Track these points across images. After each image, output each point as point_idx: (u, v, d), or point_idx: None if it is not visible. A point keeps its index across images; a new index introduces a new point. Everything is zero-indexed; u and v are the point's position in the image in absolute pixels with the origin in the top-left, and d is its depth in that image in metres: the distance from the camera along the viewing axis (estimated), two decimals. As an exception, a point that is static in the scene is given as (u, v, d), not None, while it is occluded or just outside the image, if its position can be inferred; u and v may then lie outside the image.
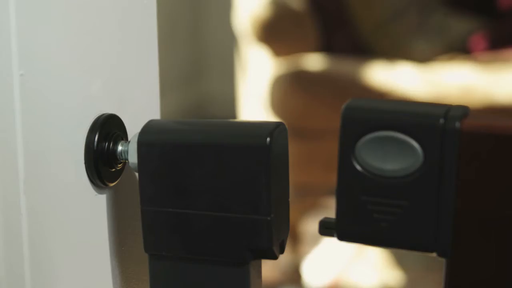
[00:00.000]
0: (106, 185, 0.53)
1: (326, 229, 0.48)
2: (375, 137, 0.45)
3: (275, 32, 1.91)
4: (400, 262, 1.85)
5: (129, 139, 0.54)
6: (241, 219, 0.48)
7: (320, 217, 0.48)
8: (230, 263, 0.50)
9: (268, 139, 0.47)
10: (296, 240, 1.90)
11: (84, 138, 0.52)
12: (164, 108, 0.60)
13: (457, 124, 0.44)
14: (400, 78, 1.84)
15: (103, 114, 0.53)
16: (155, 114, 0.59)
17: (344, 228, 0.47)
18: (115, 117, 0.54)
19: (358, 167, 0.46)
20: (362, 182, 0.46)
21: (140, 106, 0.57)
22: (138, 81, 0.57)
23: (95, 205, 0.53)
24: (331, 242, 1.90)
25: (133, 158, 0.51)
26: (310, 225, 1.94)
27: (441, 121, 0.44)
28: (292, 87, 1.85)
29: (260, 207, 0.48)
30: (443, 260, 0.46)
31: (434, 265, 1.77)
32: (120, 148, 0.53)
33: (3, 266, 0.48)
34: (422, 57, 1.95)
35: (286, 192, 0.51)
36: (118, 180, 0.55)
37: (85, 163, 0.52)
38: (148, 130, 0.51)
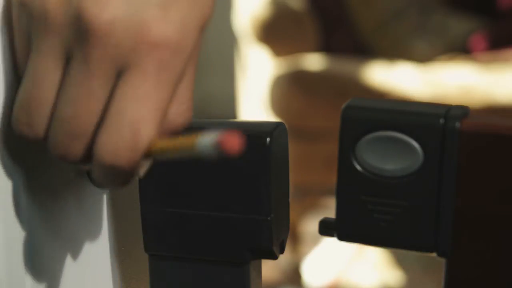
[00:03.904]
0: (106, 185, 0.53)
1: (326, 229, 0.48)
2: (375, 137, 0.45)
3: (275, 32, 1.91)
4: (400, 262, 1.85)
5: (129, 139, 0.54)
6: (241, 219, 0.48)
7: (320, 217, 0.48)
8: (230, 263, 0.50)
9: (268, 139, 0.47)
10: (296, 240, 1.90)
11: (84, 138, 0.52)
12: (164, 108, 0.59)
13: (457, 124, 0.44)
14: (400, 78, 1.84)
15: (103, 114, 0.53)
16: (155, 114, 0.59)
17: (344, 228, 0.47)
18: (115, 117, 0.54)
19: (358, 167, 0.46)
20: (362, 182, 0.46)
21: (140, 106, 0.57)
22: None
23: (95, 205, 0.53)
24: (331, 242, 1.90)
25: (133, 158, 0.51)
26: (310, 225, 1.94)
27: (441, 121, 0.44)
28: (292, 87, 1.85)
29: (260, 207, 0.48)
30: (443, 260, 0.46)
31: (434, 265, 1.77)
32: (120, 148, 0.53)
33: (3, 266, 0.48)
34: (422, 57, 1.95)
35: (286, 192, 0.51)
36: (118, 180, 0.54)
37: (85, 163, 0.52)
38: (148, 130, 0.50)
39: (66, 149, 0.42)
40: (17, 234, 0.48)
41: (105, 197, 0.54)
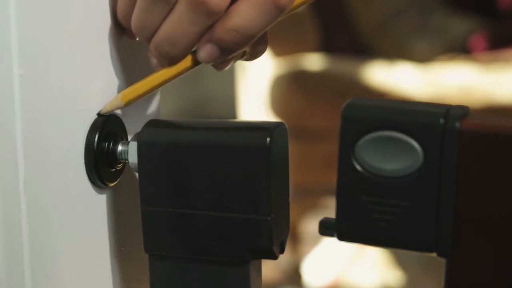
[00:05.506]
0: (106, 185, 0.53)
1: (326, 229, 0.48)
2: (375, 137, 0.45)
3: (275, 32, 1.90)
4: (400, 262, 1.85)
5: (129, 139, 0.54)
6: (241, 219, 0.48)
7: (320, 217, 0.48)
8: (230, 263, 0.50)
9: (268, 139, 0.48)
10: (296, 240, 1.90)
11: (84, 138, 0.52)
12: (164, 108, 0.59)
13: (457, 124, 0.44)
14: (400, 78, 1.84)
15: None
16: (155, 114, 0.59)
17: (344, 228, 0.47)
18: (115, 117, 0.54)
19: (358, 167, 0.46)
20: (362, 182, 0.46)
21: (140, 106, 0.57)
22: (138, 80, 0.57)
23: (95, 205, 0.53)
24: (331, 242, 1.90)
25: (133, 158, 0.51)
26: (310, 225, 1.94)
27: (441, 121, 0.44)
28: (292, 87, 1.85)
29: (260, 207, 0.48)
30: (443, 260, 0.46)
31: (434, 265, 1.77)
32: (120, 148, 0.53)
33: (3, 266, 0.48)
34: (422, 57, 1.95)
35: (286, 192, 0.51)
36: (118, 180, 0.55)
37: (85, 163, 0.52)
38: (148, 130, 0.51)
39: None
40: (17, 234, 0.48)
41: (105, 197, 0.54)
